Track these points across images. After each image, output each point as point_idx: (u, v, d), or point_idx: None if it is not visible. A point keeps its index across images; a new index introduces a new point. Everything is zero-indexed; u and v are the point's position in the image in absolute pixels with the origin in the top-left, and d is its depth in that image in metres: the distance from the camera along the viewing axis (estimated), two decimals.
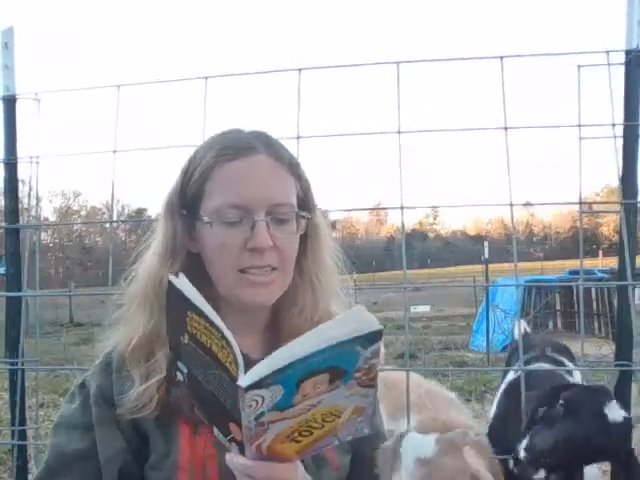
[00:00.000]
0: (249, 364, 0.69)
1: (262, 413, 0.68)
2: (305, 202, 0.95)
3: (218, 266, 0.90)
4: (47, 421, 4.69)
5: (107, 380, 0.91)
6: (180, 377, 0.79)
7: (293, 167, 0.93)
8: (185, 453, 0.87)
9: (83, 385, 0.94)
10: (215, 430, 0.78)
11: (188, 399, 0.81)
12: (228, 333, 0.69)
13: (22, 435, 1.86)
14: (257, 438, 0.70)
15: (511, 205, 1.58)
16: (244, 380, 0.66)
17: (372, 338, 0.69)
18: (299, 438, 0.74)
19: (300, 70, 1.62)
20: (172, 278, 0.74)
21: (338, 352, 0.67)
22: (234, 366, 0.68)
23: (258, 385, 0.66)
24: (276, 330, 0.97)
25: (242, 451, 0.73)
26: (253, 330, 0.97)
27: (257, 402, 0.67)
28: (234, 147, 0.89)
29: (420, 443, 1.17)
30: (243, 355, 0.70)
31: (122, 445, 0.89)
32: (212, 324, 0.70)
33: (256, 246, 0.86)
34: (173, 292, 0.73)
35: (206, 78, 1.65)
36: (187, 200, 0.92)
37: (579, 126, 1.54)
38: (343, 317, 0.70)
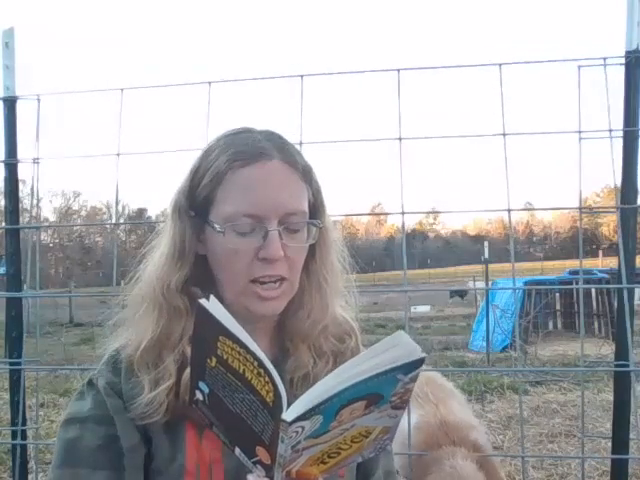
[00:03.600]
0: None
1: (299, 441, 0.67)
2: (316, 207, 0.93)
3: (227, 273, 0.88)
4: (47, 421, 4.70)
5: (116, 379, 0.90)
6: (200, 396, 0.77)
7: (306, 173, 0.91)
8: (192, 458, 0.86)
9: (91, 383, 0.92)
10: (237, 450, 0.76)
11: (206, 417, 0.80)
12: (268, 363, 0.67)
13: (22, 435, 1.86)
14: (289, 464, 0.70)
15: (509, 211, 1.60)
16: (289, 414, 0.65)
17: (414, 366, 0.69)
18: (327, 459, 0.74)
19: (302, 76, 1.63)
20: (203, 301, 0.71)
21: (380, 380, 0.67)
22: (272, 395, 0.67)
23: (302, 418, 0.65)
24: (283, 333, 0.96)
25: (268, 474, 0.72)
26: (259, 333, 0.94)
27: (297, 432, 0.66)
28: (248, 152, 0.87)
29: None
30: None
31: (139, 437, 0.88)
32: (248, 351, 0.68)
33: (268, 256, 0.84)
34: (203, 315, 0.71)
35: (209, 83, 1.66)
36: (196, 202, 0.89)
37: (579, 132, 1.55)
38: (386, 343, 0.68)
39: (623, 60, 1.54)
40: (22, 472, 1.87)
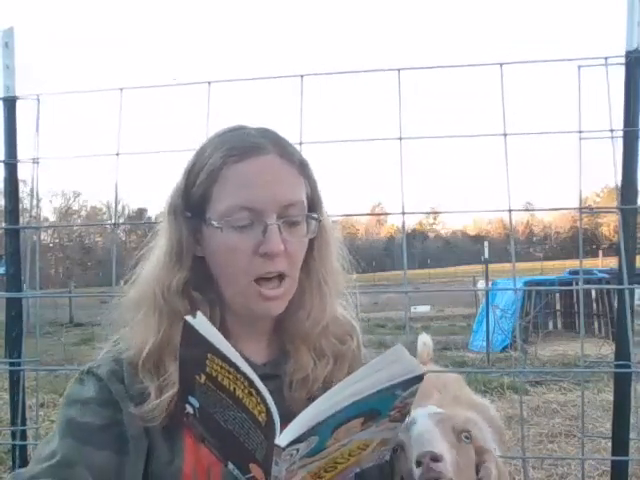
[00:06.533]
0: (254, 369, 0.67)
1: (294, 462, 0.66)
2: (314, 202, 0.92)
3: (227, 271, 0.86)
4: (47, 421, 4.69)
5: (119, 368, 0.88)
6: (190, 410, 0.76)
7: (303, 167, 0.90)
8: (190, 462, 0.85)
9: (91, 371, 0.90)
10: (230, 465, 0.75)
11: (197, 431, 0.78)
12: (259, 383, 0.66)
13: (22, 435, 1.86)
14: None
15: (510, 211, 1.60)
16: (282, 439, 0.62)
17: (413, 382, 0.67)
18: (323, 474, 0.72)
19: (302, 76, 1.63)
20: (189, 318, 0.68)
21: (378, 397, 0.66)
22: (264, 416, 0.65)
23: (297, 441, 0.63)
24: (281, 334, 0.95)
25: None
26: (257, 334, 0.94)
27: (292, 455, 0.64)
28: (242, 147, 0.86)
29: (431, 408, 1.17)
30: (245, 359, 0.68)
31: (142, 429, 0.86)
32: (238, 370, 0.66)
33: (268, 251, 0.83)
34: (190, 332, 0.68)
35: (209, 83, 1.66)
36: (192, 202, 0.88)
37: (579, 132, 1.55)
38: (384, 360, 0.67)
39: (623, 60, 1.55)
40: None
